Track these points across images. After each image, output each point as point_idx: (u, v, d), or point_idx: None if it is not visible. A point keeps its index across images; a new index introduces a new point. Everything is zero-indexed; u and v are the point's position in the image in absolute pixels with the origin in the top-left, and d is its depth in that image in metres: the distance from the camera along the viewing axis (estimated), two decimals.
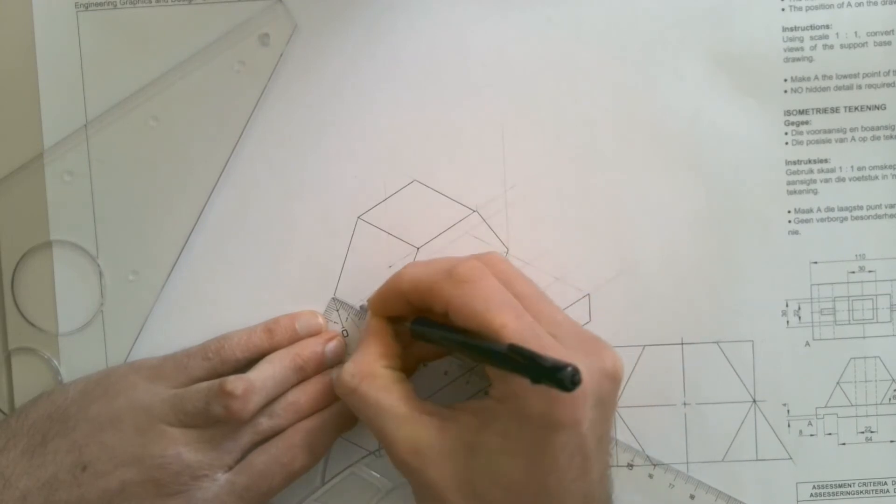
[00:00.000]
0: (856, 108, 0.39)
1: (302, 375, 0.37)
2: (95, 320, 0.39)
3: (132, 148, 0.39)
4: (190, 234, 0.39)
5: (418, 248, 0.39)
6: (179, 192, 0.39)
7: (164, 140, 0.39)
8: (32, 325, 0.39)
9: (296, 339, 0.38)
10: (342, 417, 0.37)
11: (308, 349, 0.37)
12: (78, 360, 0.39)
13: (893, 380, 0.39)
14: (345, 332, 0.39)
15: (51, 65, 0.38)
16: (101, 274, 0.39)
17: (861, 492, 0.39)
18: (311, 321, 0.38)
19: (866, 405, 0.39)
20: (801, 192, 0.39)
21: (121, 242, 0.39)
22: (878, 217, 0.39)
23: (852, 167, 0.39)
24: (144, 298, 0.39)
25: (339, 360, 0.38)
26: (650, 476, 0.39)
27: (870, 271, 0.39)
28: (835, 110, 0.39)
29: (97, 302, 0.39)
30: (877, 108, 0.39)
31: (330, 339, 0.38)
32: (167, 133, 0.39)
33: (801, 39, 0.39)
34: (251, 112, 0.39)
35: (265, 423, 0.36)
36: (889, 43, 0.39)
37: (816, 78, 0.39)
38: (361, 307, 0.39)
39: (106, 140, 0.38)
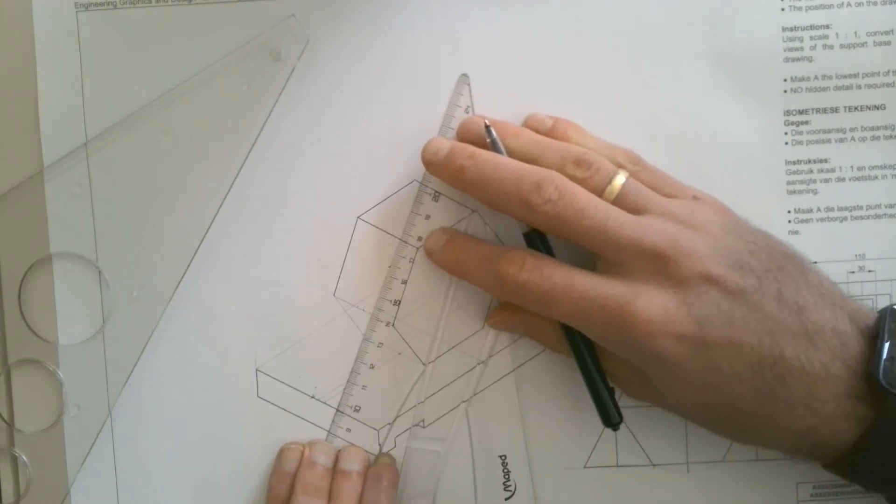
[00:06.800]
0: (855, 108, 0.39)
1: None
2: (100, 333, 0.39)
3: (137, 163, 0.39)
4: (196, 251, 0.39)
5: (418, 249, 0.39)
6: (186, 207, 0.39)
7: (172, 156, 0.38)
8: (39, 336, 0.38)
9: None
10: None
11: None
12: (81, 373, 0.39)
13: None
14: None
15: (50, 65, 0.38)
16: (105, 287, 0.39)
17: (861, 492, 0.39)
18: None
19: None
20: (801, 192, 0.39)
21: (126, 257, 0.39)
22: (878, 217, 0.39)
23: (852, 167, 0.39)
24: (149, 312, 0.39)
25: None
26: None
27: (870, 271, 0.39)
28: (835, 110, 0.39)
29: (102, 315, 0.39)
30: (877, 108, 0.39)
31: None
32: (175, 149, 0.38)
33: (801, 39, 0.39)
34: (262, 127, 0.39)
35: None
36: (889, 43, 0.39)
37: (816, 78, 0.39)
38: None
39: (110, 155, 0.38)
